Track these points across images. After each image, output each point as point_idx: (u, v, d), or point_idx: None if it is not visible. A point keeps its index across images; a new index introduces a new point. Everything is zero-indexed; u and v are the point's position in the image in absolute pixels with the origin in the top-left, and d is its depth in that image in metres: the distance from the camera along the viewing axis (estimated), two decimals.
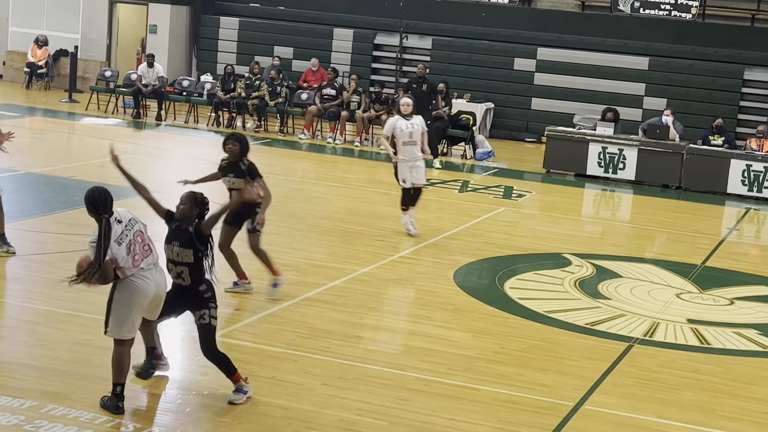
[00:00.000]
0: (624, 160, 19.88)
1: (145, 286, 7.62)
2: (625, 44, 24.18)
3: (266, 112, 23.05)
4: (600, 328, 10.62)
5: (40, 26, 27.29)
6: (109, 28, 27.47)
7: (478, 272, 12.65)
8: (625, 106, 22.93)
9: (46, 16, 27.45)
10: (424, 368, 8.95)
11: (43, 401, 7.54)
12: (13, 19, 27.77)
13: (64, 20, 27.32)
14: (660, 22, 24.25)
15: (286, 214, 14.75)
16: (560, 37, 24.63)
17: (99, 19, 27.26)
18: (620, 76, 23.96)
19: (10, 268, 11.12)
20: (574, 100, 24.08)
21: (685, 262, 13.95)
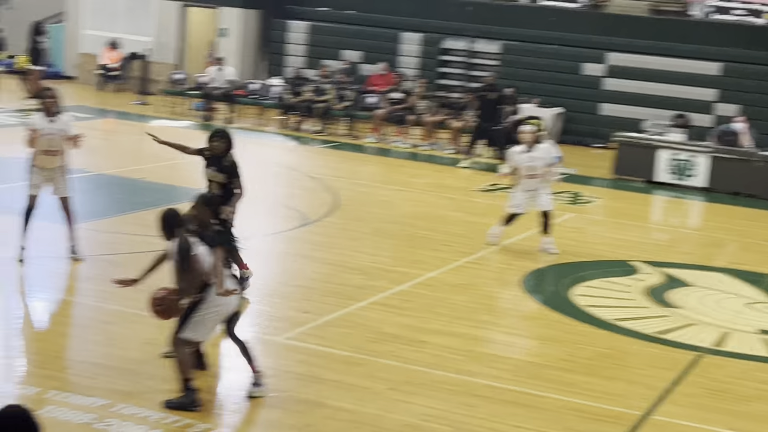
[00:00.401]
0: (694, 167, 19.63)
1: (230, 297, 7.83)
2: (697, 50, 23.85)
3: (333, 116, 23.17)
4: (669, 337, 10.50)
5: (113, 29, 27.66)
6: (180, 32, 27.76)
7: (546, 279, 12.58)
8: (696, 112, 22.63)
9: (119, 20, 27.83)
10: (491, 374, 8.93)
11: (114, 400, 7.65)
12: (86, 23, 28.18)
13: (136, 23, 27.68)
14: (733, 27, 23.92)
15: (353, 218, 14.81)
16: (630, 42, 24.39)
17: (170, 23, 27.57)
18: (692, 81, 23.65)
19: (83, 268, 11.29)
20: (644, 105, 23.80)
21: (756, 271, 13.73)
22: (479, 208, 16.54)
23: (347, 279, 11.57)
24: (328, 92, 23.02)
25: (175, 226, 7.78)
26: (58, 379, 8.04)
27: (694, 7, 24.30)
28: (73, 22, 28.41)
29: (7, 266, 11.18)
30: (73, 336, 9.20)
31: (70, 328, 9.43)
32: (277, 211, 15.04)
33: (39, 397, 7.66)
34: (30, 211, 11.31)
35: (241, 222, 10.58)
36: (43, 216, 11.86)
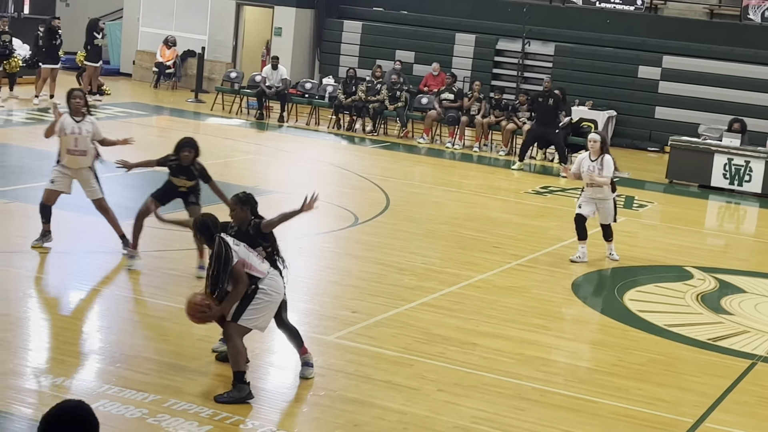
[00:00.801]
0: (750, 173, 19.40)
1: (281, 284, 8.04)
2: (754, 54, 23.60)
3: (386, 116, 23.21)
4: (722, 344, 10.39)
5: (169, 27, 27.93)
6: (235, 30, 27.96)
7: (597, 283, 12.51)
8: (753, 117, 22.37)
9: (175, 18, 28.09)
10: (541, 378, 8.89)
11: (166, 395, 7.71)
12: (143, 20, 28.49)
13: (192, 22, 27.92)
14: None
15: (404, 218, 14.82)
16: (687, 45, 24.18)
17: (226, 21, 27.78)
18: (749, 86, 23.40)
19: (140, 263, 11.39)
20: (700, 109, 23.60)
21: None
22: (531, 210, 16.48)
23: (397, 279, 11.58)
24: (381, 92, 23.05)
25: (214, 231, 7.89)
26: (112, 373, 8.12)
27: (751, 11, 24.02)
28: (131, 20, 28.72)
29: (64, 260, 11.33)
30: (126, 331, 9.28)
31: (122, 323, 9.51)
32: (329, 211, 15.04)
33: (93, 391, 7.75)
34: (44, 205, 11.45)
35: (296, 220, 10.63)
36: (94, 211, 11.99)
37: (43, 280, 10.54)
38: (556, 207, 16.78)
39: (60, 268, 11.09)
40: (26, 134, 19.05)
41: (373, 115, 23.04)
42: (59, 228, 11.90)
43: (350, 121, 23.31)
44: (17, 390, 7.69)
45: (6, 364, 8.12)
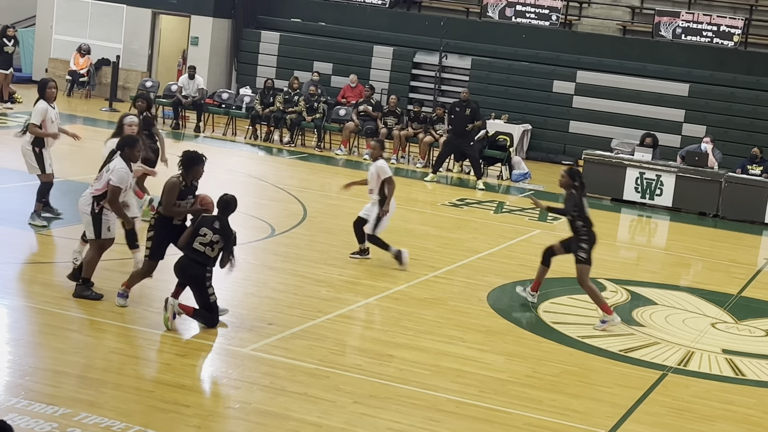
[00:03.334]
0: (661, 186, 19.77)
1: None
2: (665, 70, 24.06)
3: (303, 127, 23.16)
4: (634, 356, 10.54)
5: (84, 35, 27.54)
6: (151, 39, 27.66)
7: (512, 294, 12.59)
8: (664, 132, 22.81)
9: (89, 25, 27.70)
10: (456, 390, 8.92)
11: (77, 409, 7.57)
12: (56, 27, 28.03)
13: (106, 30, 27.56)
14: (701, 48, 24.14)
15: (321, 230, 14.79)
16: (600, 61, 24.57)
17: (141, 30, 27.48)
18: (660, 101, 23.84)
19: (47, 274, 11.20)
20: (613, 124, 23.98)
21: (721, 291, 13.84)
22: (447, 222, 16.56)
23: (314, 291, 11.55)
24: (299, 103, 23.00)
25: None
26: (21, 386, 7.95)
27: (663, 28, 24.48)
28: (43, 26, 28.26)
29: None
30: (35, 343, 9.10)
31: (31, 335, 9.33)
32: (245, 222, 14.94)
33: (2, 404, 7.57)
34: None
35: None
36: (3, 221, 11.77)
37: None
38: (472, 219, 16.90)
39: None
40: None
41: (290, 126, 22.99)
42: None
43: (267, 132, 23.23)
44: None
45: None
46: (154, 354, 8.96)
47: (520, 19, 25.46)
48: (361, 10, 26.79)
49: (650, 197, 19.85)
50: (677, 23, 24.38)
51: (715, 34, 24.07)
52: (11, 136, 14.23)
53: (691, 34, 24.24)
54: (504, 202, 19.28)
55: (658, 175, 19.83)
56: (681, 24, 24.34)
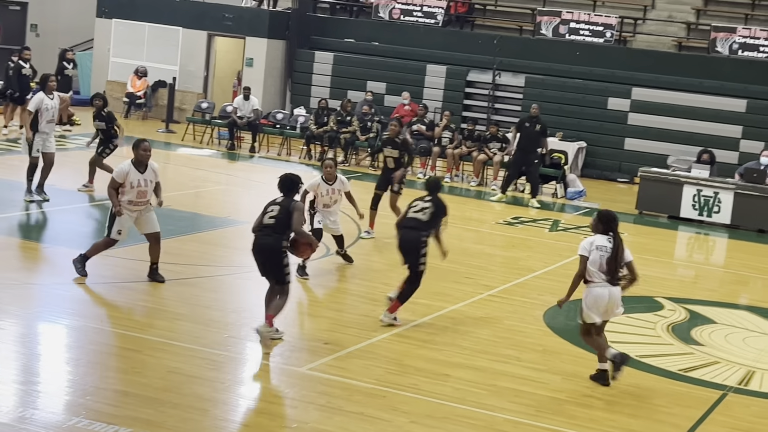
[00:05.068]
0: (719, 203, 19.56)
1: None
2: (722, 86, 23.85)
3: (357, 146, 23.26)
4: (693, 375, 10.43)
5: (140, 57, 27.90)
6: (206, 61, 27.96)
7: (568, 313, 12.50)
8: (721, 148, 22.60)
9: (146, 48, 28.07)
10: (513, 409, 8.88)
11: (137, 428, 7.63)
12: (114, 50, 28.43)
13: (163, 52, 27.90)
14: (758, 64, 23.89)
15: (376, 249, 14.82)
16: (656, 77, 24.40)
17: (197, 52, 27.78)
18: (717, 118, 23.63)
19: (106, 294, 11.33)
20: (669, 141, 23.81)
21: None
22: (502, 241, 16.53)
23: (370, 310, 11.56)
24: (352, 123, 23.10)
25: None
26: (82, 406, 8.04)
27: (719, 44, 24.28)
28: (101, 50, 28.67)
29: (31, 291, 11.25)
30: (96, 363, 9.20)
31: (92, 355, 9.44)
32: None
33: (63, 423, 7.66)
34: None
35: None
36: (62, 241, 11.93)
37: (13, 312, 10.43)
38: (526, 237, 16.84)
39: (28, 300, 11.00)
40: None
41: (344, 145, 23.09)
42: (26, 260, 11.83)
43: (322, 152, 23.32)
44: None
45: None
46: (212, 374, 9.02)
47: (574, 36, 25.39)
48: (414, 29, 26.86)
49: (708, 214, 19.64)
50: (734, 39, 24.17)
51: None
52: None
53: (747, 49, 24.03)
54: (559, 220, 19.19)
55: (715, 192, 19.63)
56: (737, 39, 24.13)
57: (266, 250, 9.99)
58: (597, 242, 9.81)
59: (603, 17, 25.46)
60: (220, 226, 15.54)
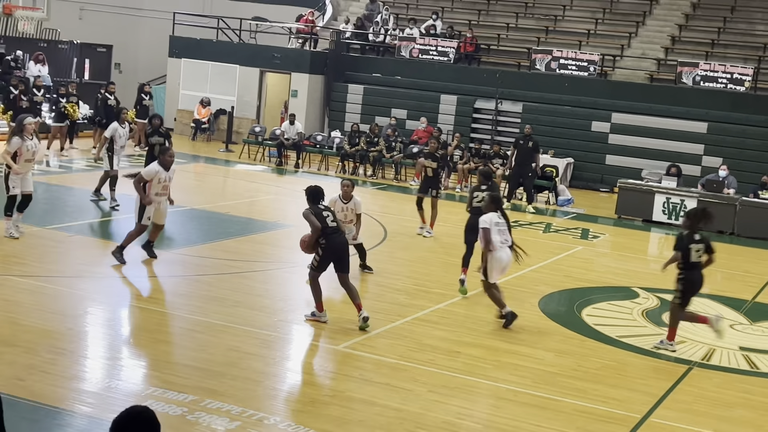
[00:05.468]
0: (685, 209, 19.39)
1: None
2: (687, 111, 23.69)
3: (383, 163, 23.25)
4: (664, 352, 10.34)
5: (205, 90, 28.01)
6: (259, 93, 28.04)
7: (559, 301, 12.47)
8: (686, 163, 22.44)
9: (209, 82, 28.18)
10: (513, 381, 8.84)
11: (202, 396, 7.66)
12: (183, 84, 28.56)
13: (223, 85, 28.01)
14: (718, 93, 23.72)
15: (399, 247, 14.80)
16: (632, 105, 24.27)
17: (251, 85, 27.87)
18: (683, 138, 23.47)
19: (179, 286, 11.38)
20: (643, 157, 23.66)
21: (737, 297, 13.53)
22: None
23: (394, 298, 11.55)
24: (379, 143, 23.11)
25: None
26: (157, 377, 8.08)
27: (684, 76, 24.11)
28: (173, 84, 28.82)
29: (117, 283, 11.31)
30: (169, 342, 9.24)
31: (166, 335, 9.48)
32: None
33: (141, 392, 7.70)
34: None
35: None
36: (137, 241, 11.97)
37: (100, 300, 10.50)
38: (524, 238, 16.73)
39: (113, 291, 11.06)
40: (85, 179, 19.05)
41: (373, 162, 23.08)
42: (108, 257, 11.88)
43: (354, 167, 23.35)
44: (78, 392, 7.64)
45: (69, 370, 8.07)
46: (264, 351, 9.04)
47: (563, 70, 25.28)
48: (430, 65, 26.84)
49: (676, 218, 19.48)
50: (697, 72, 23.99)
51: (729, 81, 23.65)
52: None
53: (708, 81, 23.84)
54: (551, 223, 19.10)
55: (682, 199, 19.49)
56: (700, 73, 23.95)
57: (346, 246, 10.19)
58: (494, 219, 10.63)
59: (587, 54, 25.34)
60: (271, 229, 15.57)
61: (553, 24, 27.93)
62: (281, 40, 29.57)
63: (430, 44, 26.96)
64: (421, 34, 27.53)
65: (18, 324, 9.14)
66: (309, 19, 28.97)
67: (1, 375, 7.70)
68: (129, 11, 31.86)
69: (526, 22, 28.31)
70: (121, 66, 31.40)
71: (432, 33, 27.64)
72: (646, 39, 26.75)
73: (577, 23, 27.78)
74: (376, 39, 28.42)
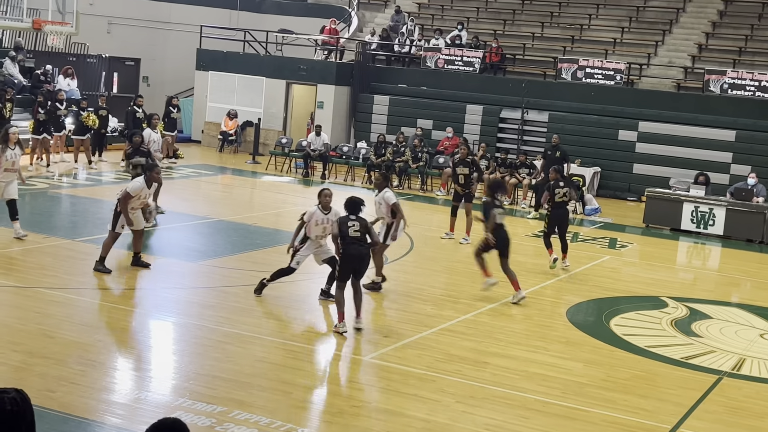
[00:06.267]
0: (713, 218, 19.26)
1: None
2: (715, 120, 23.49)
3: (409, 173, 23.26)
4: (693, 362, 10.26)
5: (232, 102, 28.17)
6: (285, 104, 28.14)
7: (588, 311, 12.40)
8: (714, 171, 22.23)
9: (236, 94, 28.34)
10: (542, 391, 8.80)
11: (230, 407, 7.68)
12: (210, 96, 28.74)
13: (250, 97, 28.15)
14: (745, 101, 23.52)
15: (426, 258, 14.78)
16: (659, 113, 24.12)
17: (277, 97, 27.98)
18: (711, 146, 23.28)
19: (206, 297, 11.43)
20: (671, 165, 23.49)
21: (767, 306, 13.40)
22: (531, 250, 16.38)
23: (421, 309, 11.53)
24: (405, 154, 23.12)
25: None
26: (186, 389, 8.11)
27: (712, 84, 23.94)
28: (200, 96, 29.01)
29: (145, 295, 11.38)
30: (197, 354, 9.28)
31: (194, 347, 9.52)
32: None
33: (171, 403, 7.73)
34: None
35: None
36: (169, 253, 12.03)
37: (129, 312, 10.56)
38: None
39: (142, 302, 11.13)
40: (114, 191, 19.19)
41: (399, 172, 23.09)
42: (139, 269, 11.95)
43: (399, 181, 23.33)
44: (108, 403, 7.69)
45: (99, 382, 8.13)
46: (292, 362, 9.05)
47: (589, 79, 25.18)
48: (455, 75, 26.83)
49: (704, 227, 19.34)
50: (724, 80, 23.82)
51: (757, 88, 23.45)
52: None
53: (736, 88, 23.66)
54: (578, 233, 19.00)
55: (710, 208, 19.33)
56: (727, 80, 23.78)
57: (364, 257, 10.20)
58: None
59: (614, 63, 25.22)
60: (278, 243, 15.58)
61: (578, 33, 27.83)
62: (307, 52, 29.69)
63: (455, 54, 26.96)
64: (446, 45, 27.54)
65: (48, 336, 9.22)
66: (332, 28, 29.04)
67: (32, 387, 7.76)
68: (156, 25, 32.14)
69: (551, 32, 28.24)
70: (149, 79, 31.64)
71: (457, 43, 27.64)
72: (673, 47, 26.59)
73: (603, 32, 27.67)
74: (402, 50, 28.46)
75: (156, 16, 32.25)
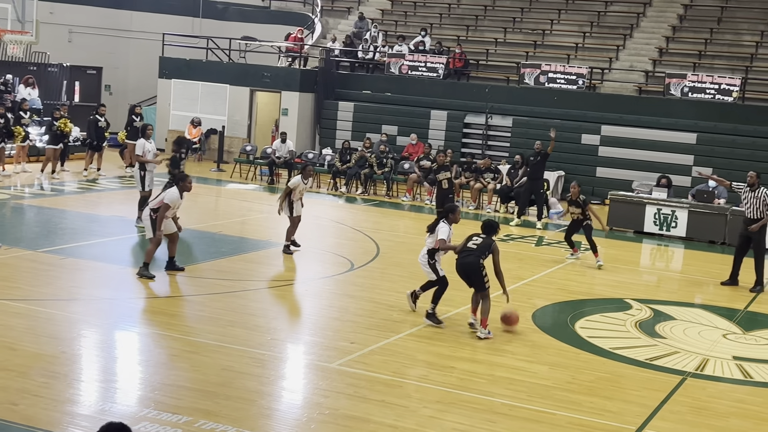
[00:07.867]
0: (676, 220, 19.48)
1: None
2: (676, 123, 23.79)
3: (375, 179, 23.28)
4: (658, 363, 10.36)
5: (195, 110, 28.04)
6: (249, 112, 28.07)
7: (552, 314, 12.47)
8: (676, 174, 22.50)
9: (200, 102, 28.21)
10: (508, 395, 8.83)
11: (196, 417, 7.63)
12: (174, 105, 28.59)
13: (214, 105, 28.04)
14: (706, 104, 23.83)
15: (392, 264, 14.79)
16: (621, 117, 24.36)
17: (242, 104, 27.90)
18: (672, 149, 23.55)
19: (171, 306, 11.35)
20: (633, 169, 23.73)
21: (730, 307, 13.55)
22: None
23: (387, 315, 11.54)
24: (370, 160, 23.14)
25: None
26: (151, 399, 8.04)
27: (672, 87, 24.22)
28: (163, 104, 28.84)
29: (109, 306, 11.28)
30: (162, 363, 9.21)
31: (159, 356, 9.45)
32: (328, 259, 15.05)
33: (136, 414, 7.67)
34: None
35: (302, 267, 10.61)
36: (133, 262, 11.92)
37: (93, 323, 10.46)
38: (516, 251, 16.78)
39: (106, 313, 11.03)
40: (77, 201, 19.03)
41: (364, 179, 23.10)
42: (106, 278, 11.85)
43: (345, 184, 23.35)
44: (72, 415, 7.61)
45: (62, 394, 8.04)
46: (258, 370, 9.01)
47: (552, 84, 25.38)
48: (420, 81, 26.92)
49: (667, 229, 19.55)
50: (684, 83, 24.12)
51: (717, 91, 23.77)
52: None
53: (696, 92, 23.96)
54: (543, 236, 19.12)
55: (672, 210, 19.55)
56: (688, 84, 24.08)
57: (468, 266, 10.75)
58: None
59: (576, 68, 25.45)
60: (263, 248, 15.56)
61: (541, 38, 28.05)
62: (271, 59, 29.64)
63: (419, 60, 27.05)
64: (410, 51, 27.63)
65: (11, 348, 9.11)
66: (298, 37, 29.04)
67: None
68: (118, 33, 31.91)
69: (514, 37, 28.44)
70: (111, 88, 31.41)
71: (421, 49, 27.73)
72: (634, 51, 26.88)
73: (564, 37, 27.92)
74: (366, 56, 28.50)
75: (117, 24, 32.03)
